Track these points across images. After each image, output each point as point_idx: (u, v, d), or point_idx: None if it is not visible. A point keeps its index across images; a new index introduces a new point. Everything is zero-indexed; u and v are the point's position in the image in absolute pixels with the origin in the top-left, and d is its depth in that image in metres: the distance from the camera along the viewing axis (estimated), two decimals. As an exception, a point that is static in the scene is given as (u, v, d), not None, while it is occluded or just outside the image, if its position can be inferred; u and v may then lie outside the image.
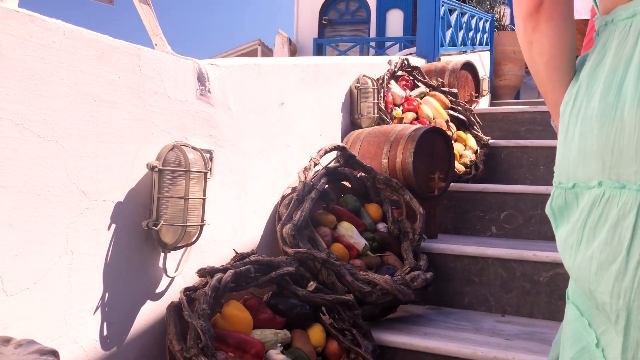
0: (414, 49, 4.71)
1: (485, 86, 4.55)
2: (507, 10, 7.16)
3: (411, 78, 3.35)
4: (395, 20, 9.03)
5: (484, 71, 5.43)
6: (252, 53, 10.04)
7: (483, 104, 5.06)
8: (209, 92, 1.75)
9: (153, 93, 1.53)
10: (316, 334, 1.72)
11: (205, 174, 1.54)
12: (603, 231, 0.77)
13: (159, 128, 1.55)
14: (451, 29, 4.84)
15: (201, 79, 1.71)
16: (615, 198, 0.77)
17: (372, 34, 9.09)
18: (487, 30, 5.89)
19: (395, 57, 3.38)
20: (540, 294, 2.11)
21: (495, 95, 6.05)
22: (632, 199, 0.75)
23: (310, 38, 9.11)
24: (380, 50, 8.28)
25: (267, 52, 9.98)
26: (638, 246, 0.73)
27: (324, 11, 9.67)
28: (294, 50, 9.26)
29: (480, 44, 5.73)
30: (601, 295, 0.77)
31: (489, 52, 5.85)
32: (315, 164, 2.15)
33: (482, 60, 5.48)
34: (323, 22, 9.65)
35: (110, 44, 1.40)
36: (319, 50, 8.39)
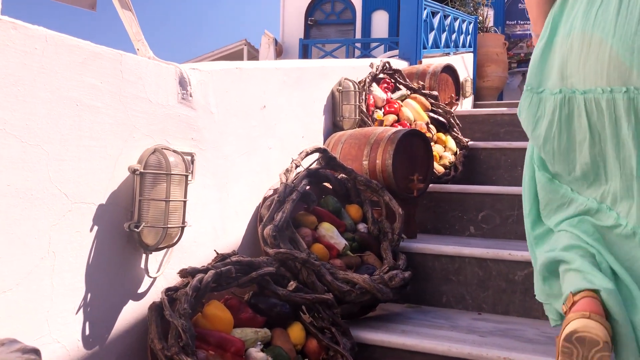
0: (398, 51, 4.76)
1: (468, 88, 4.61)
2: (491, 12, 7.24)
3: (392, 81, 3.40)
4: (381, 22, 9.08)
5: (467, 73, 5.49)
6: (238, 53, 10.03)
7: (466, 105, 5.12)
8: (191, 96, 1.78)
9: (135, 97, 1.56)
10: (296, 332, 1.76)
11: (187, 176, 1.57)
12: (574, 122, 1.19)
13: (141, 132, 1.58)
14: (434, 31, 4.89)
15: (182, 83, 1.75)
16: (572, 100, 1.17)
17: (358, 34, 9.13)
18: (470, 32, 5.95)
19: (377, 60, 3.42)
20: (515, 293, 2.17)
21: (478, 97, 6.12)
22: (580, 101, 1.16)
23: (296, 38, 9.13)
24: (366, 51, 8.32)
25: (253, 52, 9.98)
26: (592, 132, 1.16)
27: (309, 12, 9.69)
28: (280, 51, 9.28)
29: (464, 45, 5.78)
30: (584, 158, 1.20)
31: (472, 54, 5.91)
32: (297, 166, 2.19)
33: (465, 62, 5.53)
34: (309, 22, 9.67)
35: (92, 50, 1.43)
36: (304, 51, 8.41)
